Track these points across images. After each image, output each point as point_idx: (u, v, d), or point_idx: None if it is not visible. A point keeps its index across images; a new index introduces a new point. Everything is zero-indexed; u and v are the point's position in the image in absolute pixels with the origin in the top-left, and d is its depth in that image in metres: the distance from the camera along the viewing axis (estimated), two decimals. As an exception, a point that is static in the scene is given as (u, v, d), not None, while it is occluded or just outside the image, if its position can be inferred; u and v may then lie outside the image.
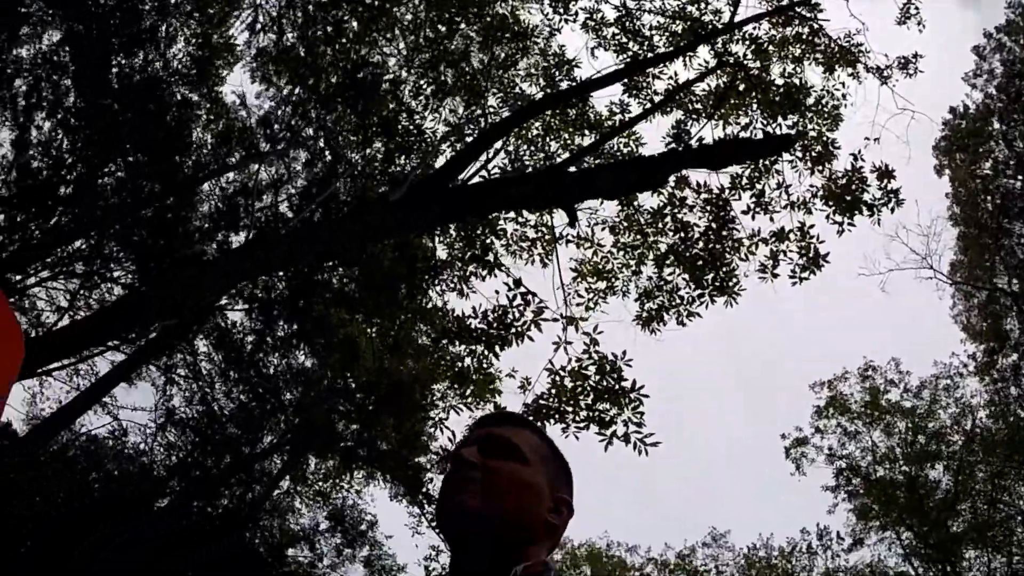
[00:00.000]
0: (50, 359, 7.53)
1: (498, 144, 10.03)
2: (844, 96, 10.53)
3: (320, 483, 17.03)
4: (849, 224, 9.43)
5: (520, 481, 0.99)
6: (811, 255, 9.29)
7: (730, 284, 9.69)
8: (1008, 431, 18.38)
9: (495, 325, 8.74)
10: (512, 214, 10.00)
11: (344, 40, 10.11)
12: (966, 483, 19.54)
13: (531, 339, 8.73)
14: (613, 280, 10.16)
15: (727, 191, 9.82)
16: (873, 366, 21.21)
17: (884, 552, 21.46)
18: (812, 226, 9.41)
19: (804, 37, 10.49)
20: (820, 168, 9.61)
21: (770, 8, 10.10)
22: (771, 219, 9.71)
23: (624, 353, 8.59)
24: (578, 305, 9.89)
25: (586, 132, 10.83)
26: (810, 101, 10.38)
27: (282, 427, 14.53)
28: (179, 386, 14.24)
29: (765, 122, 10.12)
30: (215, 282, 7.27)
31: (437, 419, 10.24)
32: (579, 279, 10.07)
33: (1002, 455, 18.34)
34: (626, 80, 10.29)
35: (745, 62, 10.20)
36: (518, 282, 8.70)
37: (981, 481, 19.44)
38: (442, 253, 10.12)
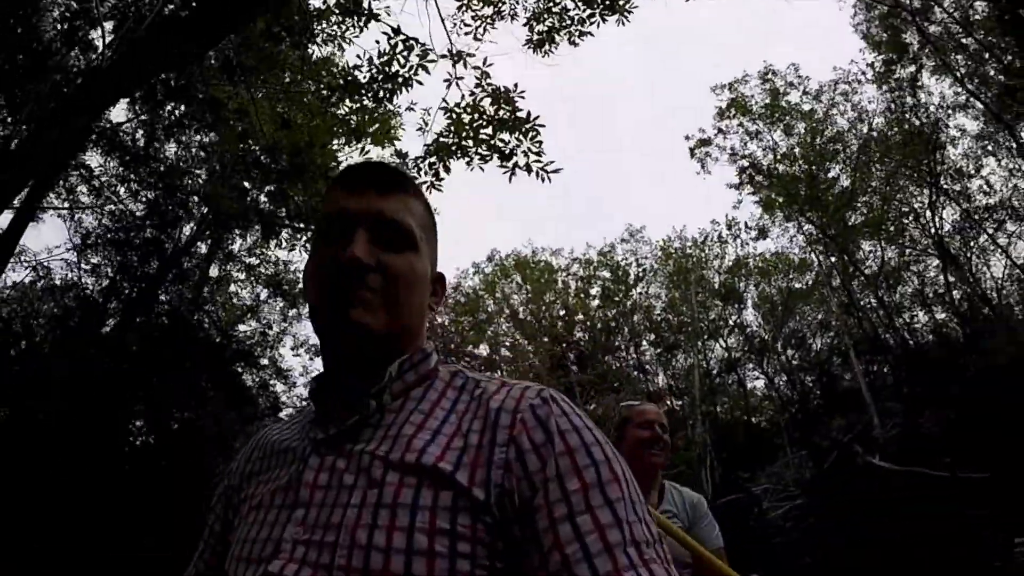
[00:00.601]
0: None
1: None
2: None
3: (248, 258, 17.38)
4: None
5: (417, 279, 0.87)
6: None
7: (621, 2, 9.43)
8: (902, 136, 19.25)
9: (380, 76, 8.52)
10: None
11: None
12: (863, 181, 20.78)
13: (420, 83, 8.59)
14: (499, 4, 9.76)
15: None
16: (773, 70, 21.57)
17: (786, 244, 23.52)
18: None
19: None
20: None
21: None
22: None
23: (516, 85, 8.63)
24: (466, 34, 9.69)
25: None
26: None
27: (197, 213, 14.44)
28: (84, 206, 13.81)
29: None
30: (102, 101, 6.84)
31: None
32: (463, 7, 9.64)
33: (897, 158, 19.36)
34: None
35: None
36: (397, 30, 8.32)
37: (877, 179, 20.67)
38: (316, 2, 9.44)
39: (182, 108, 10.45)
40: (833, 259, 22.07)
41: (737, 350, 27.55)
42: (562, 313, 35.94)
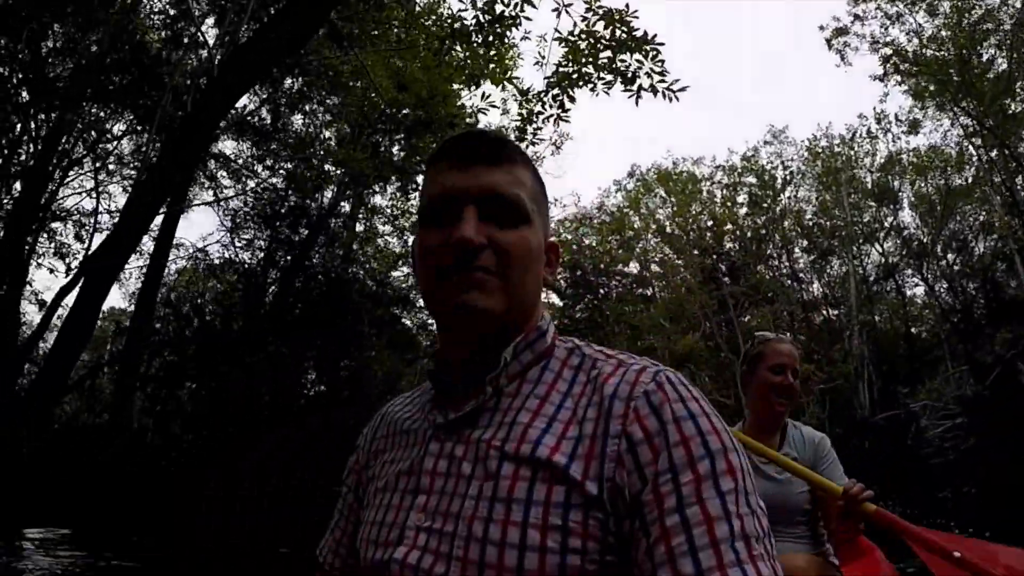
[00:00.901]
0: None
1: None
2: None
3: (391, 209, 17.95)
4: None
5: (532, 253, 0.84)
6: None
7: None
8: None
9: (487, 19, 8.23)
10: None
11: None
12: (1022, 64, 18.22)
13: (528, 19, 8.24)
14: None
15: None
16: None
17: (941, 139, 21.09)
18: None
19: None
20: None
21: None
22: None
23: (628, 6, 8.14)
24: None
25: None
26: None
27: (335, 176, 14.99)
28: (226, 190, 14.76)
29: None
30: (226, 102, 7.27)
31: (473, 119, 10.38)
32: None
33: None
34: None
35: None
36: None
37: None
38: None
39: (300, 80, 10.73)
40: (993, 153, 19.90)
41: (894, 255, 25.40)
42: (709, 224, 34.59)
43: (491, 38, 8.40)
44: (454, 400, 0.85)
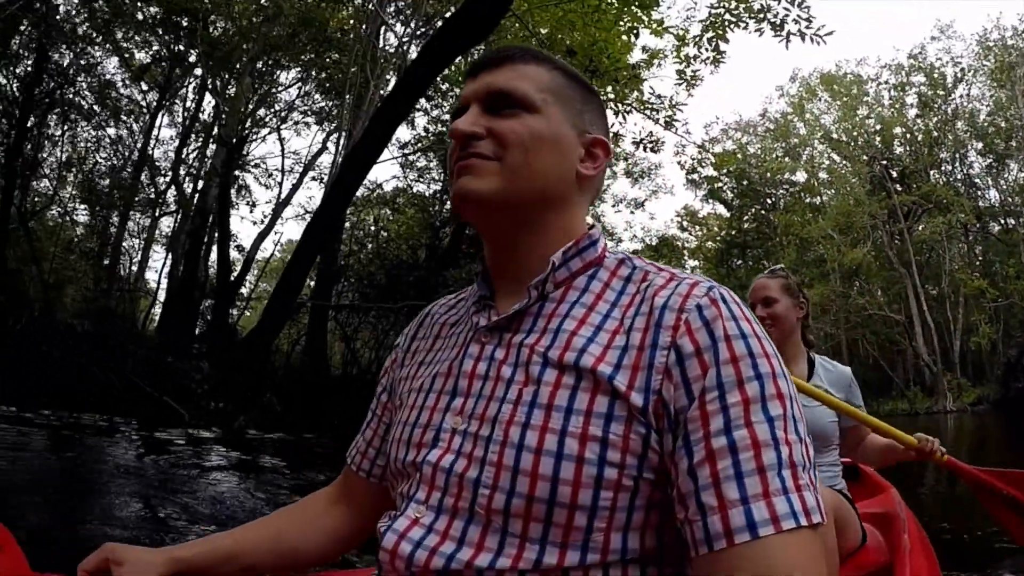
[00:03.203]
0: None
1: None
2: None
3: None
4: None
5: (538, 138, 0.80)
6: None
7: None
8: None
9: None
10: None
11: None
12: None
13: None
14: None
15: None
16: None
17: None
18: None
19: None
20: None
21: None
22: None
23: None
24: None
25: None
26: None
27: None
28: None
29: None
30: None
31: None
32: None
33: None
34: None
35: None
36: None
37: None
38: None
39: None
40: None
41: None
42: (877, 128, 32.90)
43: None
44: (499, 303, 0.84)
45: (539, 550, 0.67)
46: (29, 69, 14.56)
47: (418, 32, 16.13)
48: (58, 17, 13.54)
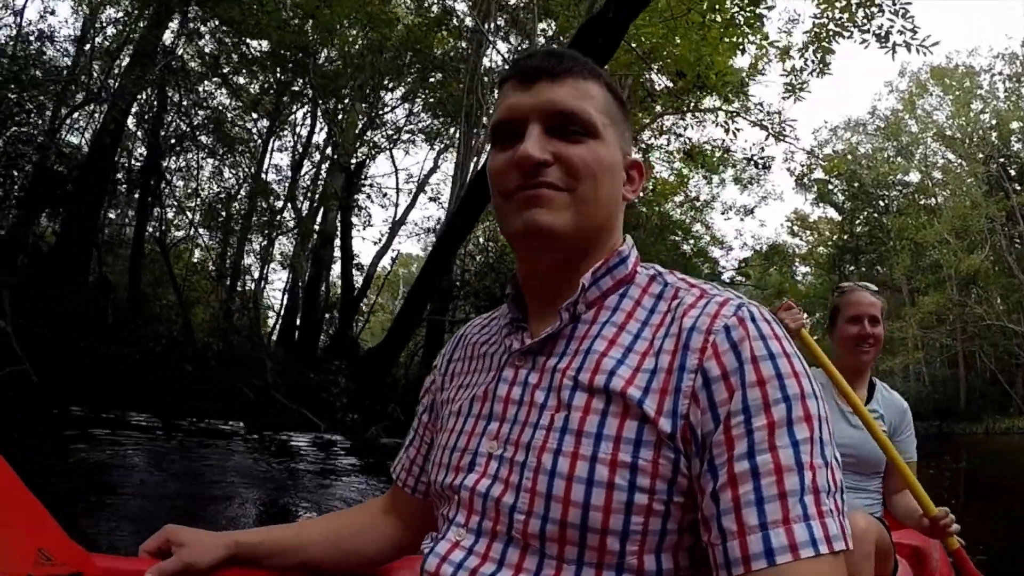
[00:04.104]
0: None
1: None
2: None
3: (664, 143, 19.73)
4: None
5: (603, 168, 0.79)
6: None
7: None
8: None
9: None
10: None
11: None
12: None
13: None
14: None
15: None
16: None
17: None
18: None
19: None
20: None
21: None
22: None
23: None
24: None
25: None
26: None
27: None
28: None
29: None
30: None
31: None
32: None
33: None
34: None
35: None
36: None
37: None
38: None
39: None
40: None
41: None
42: (993, 123, 31.12)
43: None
44: (531, 325, 0.85)
45: (575, 571, 0.68)
46: (155, 109, 15.78)
47: (519, 48, 16.60)
48: (174, 64, 14.62)
